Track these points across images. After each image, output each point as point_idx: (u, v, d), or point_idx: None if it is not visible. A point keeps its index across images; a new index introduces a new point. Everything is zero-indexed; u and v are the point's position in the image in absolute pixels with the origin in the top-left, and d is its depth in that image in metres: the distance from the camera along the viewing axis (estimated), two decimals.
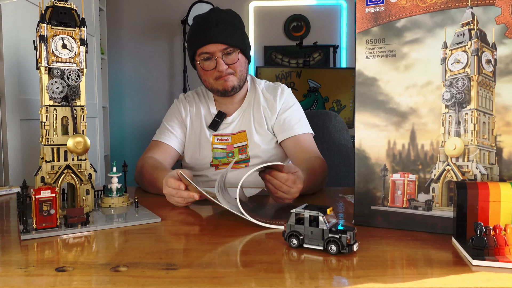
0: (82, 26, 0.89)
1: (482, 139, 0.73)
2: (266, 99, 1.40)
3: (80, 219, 0.79)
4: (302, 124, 1.38)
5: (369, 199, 0.81)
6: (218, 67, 1.27)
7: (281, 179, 0.94)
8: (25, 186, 0.83)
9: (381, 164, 0.80)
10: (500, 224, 0.64)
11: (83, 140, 0.87)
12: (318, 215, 0.66)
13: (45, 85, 0.87)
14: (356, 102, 0.81)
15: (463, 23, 0.73)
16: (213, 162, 1.39)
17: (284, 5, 3.31)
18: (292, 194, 0.96)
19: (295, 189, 0.95)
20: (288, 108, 1.39)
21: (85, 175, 0.90)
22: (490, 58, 0.72)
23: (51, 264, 0.61)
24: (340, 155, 1.84)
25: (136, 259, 0.63)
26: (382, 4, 0.78)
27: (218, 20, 1.27)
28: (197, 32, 1.28)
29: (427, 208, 0.77)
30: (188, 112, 1.43)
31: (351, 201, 1.06)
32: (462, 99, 0.74)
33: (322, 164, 1.24)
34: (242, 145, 1.38)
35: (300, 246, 0.67)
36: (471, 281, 0.55)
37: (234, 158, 1.35)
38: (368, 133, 0.80)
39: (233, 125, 1.39)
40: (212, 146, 1.38)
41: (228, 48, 1.26)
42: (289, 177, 0.94)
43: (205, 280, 0.55)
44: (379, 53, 0.79)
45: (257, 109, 1.39)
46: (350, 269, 0.59)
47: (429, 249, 0.68)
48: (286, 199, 0.97)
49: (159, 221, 0.86)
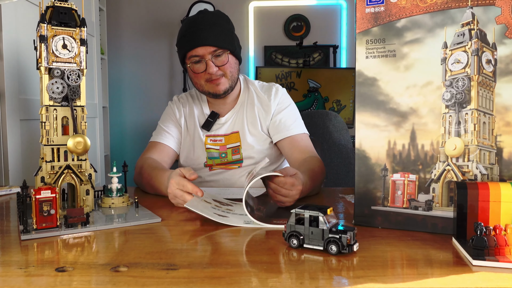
0: (82, 26, 0.89)
1: (482, 139, 0.73)
2: (260, 99, 1.40)
3: (80, 219, 0.79)
4: (298, 124, 1.38)
5: (369, 199, 0.81)
6: (208, 69, 1.27)
7: (279, 183, 0.93)
8: (25, 186, 0.83)
9: (381, 164, 0.80)
10: (501, 224, 0.64)
11: (83, 140, 0.87)
12: (318, 215, 0.66)
13: (45, 85, 0.87)
14: (356, 102, 0.81)
15: (463, 23, 0.73)
16: (207, 162, 1.39)
17: (284, 5, 3.31)
18: (292, 197, 0.95)
19: (294, 192, 0.95)
20: (284, 108, 1.39)
21: (85, 175, 0.90)
22: (490, 58, 0.72)
23: (51, 264, 0.61)
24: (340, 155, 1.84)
25: (136, 259, 0.63)
26: (382, 4, 0.78)
27: (207, 23, 1.27)
28: (186, 35, 1.29)
29: (427, 208, 0.77)
30: (182, 113, 1.43)
31: (351, 201, 1.06)
32: (462, 99, 0.74)
33: (321, 164, 1.24)
34: (235, 146, 1.38)
35: (300, 246, 0.67)
36: (471, 281, 0.55)
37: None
38: (368, 133, 0.80)
39: (226, 126, 1.39)
40: (205, 146, 1.39)
41: (217, 50, 1.27)
42: (287, 180, 0.93)
43: (205, 280, 0.55)
44: (379, 53, 0.79)
45: (250, 110, 1.39)
46: (350, 269, 0.59)
47: (429, 249, 0.68)
48: (287, 202, 0.96)
49: (159, 221, 0.86)
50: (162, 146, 1.37)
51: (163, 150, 1.37)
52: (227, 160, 1.38)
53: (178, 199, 0.97)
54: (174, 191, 0.97)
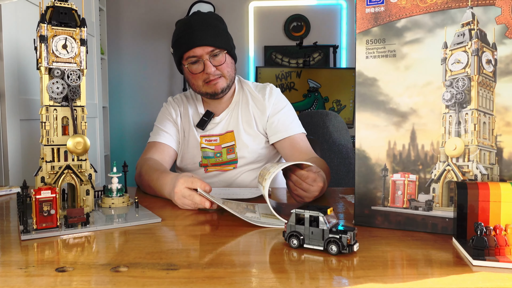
0: (82, 26, 0.89)
1: (483, 139, 0.73)
2: (255, 99, 1.40)
3: (80, 219, 0.79)
4: (296, 124, 1.38)
5: (369, 199, 0.81)
6: (206, 69, 1.27)
7: (301, 176, 0.92)
8: (25, 186, 0.83)
9: (382, 164, 0.80)
10: (501, 224, 0.64)
11: (82, 141, 0.87)
12: (319, 216, 0.66)
13: (45, 85, 0.87)
14: (356, 102, 0.81)
15: (463, 23, 0.73)
16: (202, 161, 1.39)
17: (284, 5, 3.31)
18: (312, 193, 0.93)
19: (315, 187, 0.93)
20: (281, 108, 1.39)
21: (85, 175, 0.90)
22: (490, 58, 0.72)
23: (51, 264, 0.61)
24: (340, 155, 1.85)
25: (136, 260, 0.63)
26: (382, 4, 0.78)
27: (202, 23, 1.27)
28: (182, 36, 1.29)
29: (427, 208, 0.77)
30: (178, 112, 1.43)
31: (351, 201, 1.06)
32: (462, 99, 0.74)
33: (328, 167, 1.24)
34: (230, 145, 1.38)
35: (300, 246, 0.67)
36: (472, 281, 0.55)
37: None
38: (368, 133, 0.80)
39: (221, 125, 1.39)
40: (200, 146, 1.39)
41: (214, 50, 1.27)
42: (309, 174, 0.92)
43: (205, 280, 0.55)
44: (379, 53, 0.79)
45: (245, 109, 1.39)
46: (351, 269, 0.59)
47: (430, 249, 0.68)
48: (306, 198, 0.94)
49: (159, 221, 0.86)
50: (162, 146, 1.37)
51: (163, 149, 1.37)
52: (222, 160, 1.38)
53: (186, 199, 0.94)
54: (182, 190, 0.94)
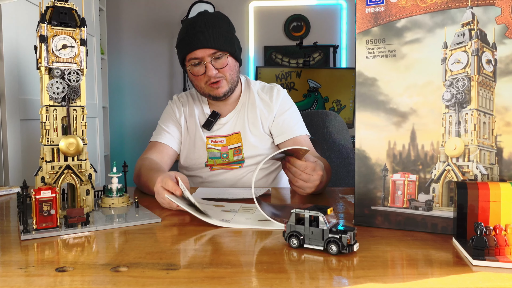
0: (82, 26, 0.89)
1: (483, 139, 0.73)
2: (262, 100, 1.40)
3: (80, 219, 0.79)
4: (300, 125, 1.39)
5: (369, 199, 0.81)
6: (208, 72, 1.26)
7: (300, 167, 0.92)
8: (25, 186, 0.83)
9: (381, 164, 0.80)
10: (501, 224, 0.64)
11: (75, 141, 0.87)
12: (319, 215, 0.66)
13: (45, 85, 0.87)
14: (356, 102, 0.81)
15: (463, 23, 0.73)
16: (208, 162, 1.39)
17: (284, 5, 3.31)
18: (313, 182, 0.93)
19: (315, 176, 0.93)
20: (287, 110, 1.39)
21: (85, 175, 0.90)
22: (490, 58, 0.72)
23: (51, 264, 0.61)
24: (340, 155, 1.85)
25: (136, 259, 0.63)
26: (382, 4, 0.78)
27: (206, 25, 1.26)
28: (185, 37, 1.28)
29: (427, 208, 0.77)
30: (182, 112, 1.43)
31: (351, 201, 1.06)
32: (462, 99, 0.74)
33: (328, 164, 1.25)
34: (237, 146, 1.38)
35: (300, 246, 0.67)
36: (472, 281, 0.55)
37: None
38: (368, 133, 0.80)
39: (227, 126, 1.39)
40: (206, 146, 1.39)
41: (217, 53, 1.26)
42: (308, 164, 0.92)
43: (205, 280, 0.55)
44: (379, 53, 0.79)
45: (251, 110, 1.39)
46: (351, 269, 0.59)
47: (430, 249, 0.68)
48: (307, 188, 0.94)
49: (159, 221, 0.86)
50: (162, 146, 1.37)
51: (163, 150, 1.37)
52: (229, 160, 1.38)
53: (159, 196, 0.95)
54: (158, 188, 0.96)
